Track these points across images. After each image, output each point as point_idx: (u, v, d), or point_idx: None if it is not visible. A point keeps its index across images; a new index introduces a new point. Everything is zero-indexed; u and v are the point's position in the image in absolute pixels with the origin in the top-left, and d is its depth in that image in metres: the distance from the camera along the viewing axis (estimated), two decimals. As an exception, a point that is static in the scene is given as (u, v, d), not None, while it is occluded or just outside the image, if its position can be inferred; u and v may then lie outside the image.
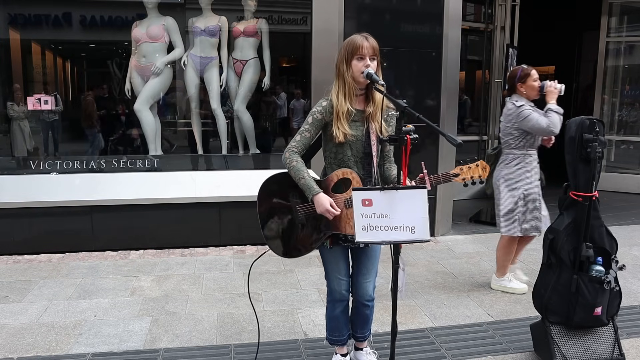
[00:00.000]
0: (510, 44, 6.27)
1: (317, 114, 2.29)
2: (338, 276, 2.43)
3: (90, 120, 5.78)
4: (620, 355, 2.67)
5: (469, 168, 2.23)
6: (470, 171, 2.23)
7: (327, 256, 2.43)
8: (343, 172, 2.28)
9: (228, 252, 4.72)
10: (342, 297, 2.46)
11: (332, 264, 2.43)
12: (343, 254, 2.43)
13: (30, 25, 5.41)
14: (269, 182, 2.40)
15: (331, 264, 2.43)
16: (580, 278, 2.59)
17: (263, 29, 5.49)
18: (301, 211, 2.33)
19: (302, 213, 2.33)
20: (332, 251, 2.40)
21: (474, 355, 2.89)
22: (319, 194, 2.21)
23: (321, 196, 2.21)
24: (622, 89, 7.87)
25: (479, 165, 2.23)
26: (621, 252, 2.81)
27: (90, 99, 5.84)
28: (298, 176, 2.26)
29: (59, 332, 3.15)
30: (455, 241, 5.11)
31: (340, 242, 2.38)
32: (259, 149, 5.63)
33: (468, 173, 2.22)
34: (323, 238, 2.33)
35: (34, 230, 4.63)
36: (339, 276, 2.43)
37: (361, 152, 2.32)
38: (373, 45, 2.23)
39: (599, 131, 2.58)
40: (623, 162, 7.82)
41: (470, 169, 2.23)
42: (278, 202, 2.37)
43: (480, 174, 2.23)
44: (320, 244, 2.35)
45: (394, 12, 4.96)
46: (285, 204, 2.36)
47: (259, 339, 2.87)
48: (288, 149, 2.30)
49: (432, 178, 2.20)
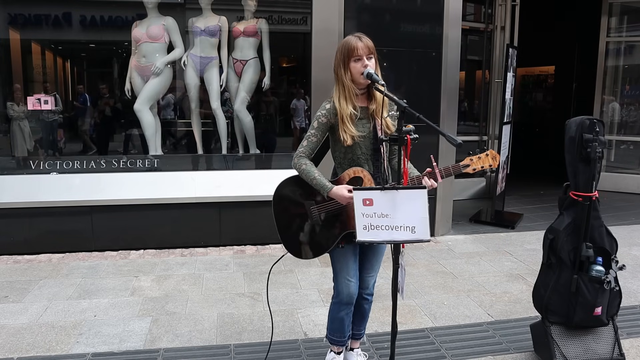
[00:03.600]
0: (510, 44, 6.27)
1: (322, 118, 2.29)
2: (347, 277, 2.41)
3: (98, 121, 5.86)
4: (620, 355, 2.68)
5: (479, 158, 2.21)
6: (480, 161, 2.21)
7: (337, 257, 2.42)
8: (354, 171, 2.29)
9: (228, 252, 4.72)
10: (349, 300, 2.45)
11: (342, 264, 2.41)
12: (354, 254, 2.42)
13: (30, 25, 5.41)
14: (282, 187, 2.41)
15: (341, 264, 2.42)
16: (580, 278, 2.59)
17: (263, 29, 5.49)
18: (316, 211, 2.33)
19: (317, 213, 2.33)
20: (344, 251, 2.38)
21: (474, 355, 2.89)
22: (334, 188, 2.21)
23: (337, 189, 2.21)
24: (622, 89, 7.87)
25: (489, 154, 2.22)
26: (621, 252, 2.82)
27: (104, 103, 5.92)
28: (309, 177, 2.26)
29: (59, 332, 3.15)
30: (455, 241, 5.11)
31: (353, 240, 2.37)
32: (259, 149, 5.63)
33: (478, 163, 2.21)
34: (339, 236, 2.33)
35: (34, 230, 4.62)
36: (348, 277, 2.41)
37: (370, 149, 2.32)
38: (368, 44, 2.23)
39: (599, 131, 2.58)
40: (623, 162, 7.82)
41: (480, 158, 2.21)
42: (293, 204, 2.38)
43: (491, 163, 2.21)
44: (336, 242, 2.34)
45: (394, 12, 4.96)
46: (299, 206, 2.37)
47: (271, 339, 2.84)
48: (296, 155, 2.32)
49: (442, 171, 2.20)
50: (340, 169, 2.36)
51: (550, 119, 11.20)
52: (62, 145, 5.73)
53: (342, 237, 2.33)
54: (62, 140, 5.74)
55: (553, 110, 11.38)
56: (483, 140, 7.31)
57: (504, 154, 6.07)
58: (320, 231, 2.35)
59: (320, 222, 2.34)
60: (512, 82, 6.08)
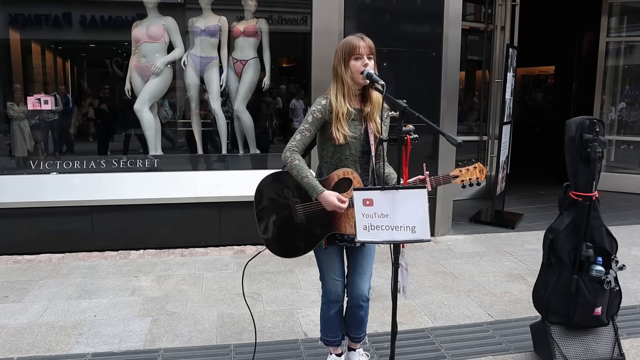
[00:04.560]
0: (510, 44, 6.27)
1: (317, 113, 2.27)
2: (334, 277, 2.42)
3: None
4: (620, 355, 2.68)
5: (467, 170, 2.25)
6: (468, 173, 2.25)
7: (322, 256, 2.41)
8: (344, 172, 2.27)
9: (228, 252, 4.72)
10: (337, 298, 2.46)
11: (328, 263, 2.41)
12: (338, 254, 2.42)
13: (30, 25, 5.41)
14: (265, 183, 2.39)
15: (326, 264, 2.41)
16: (580, 278, 2.59)
17: (263, 29, 5.49)
18: (300, 211, 2.31)
19: (302, 212, 2.31)
20: (328, 251, 2.38)
21: (474, 355, 2.89)
22: (324, 192, 2.20)
23: (326, 193, 2.19)
24: (622, 89, 7.87)
25: (477, 167, 2.25)
26: (621, 252, 2.82)
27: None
28: (300, 175, 2.23)
29: (59, 332, 3.15)
30: (455, 241, 5.11)
31: (336, 242, 2.37)
32: (259, 149, 5.63)
33: (467, 175, 2.25)
34: (322, 237, 2.32)
35: (34, 230, 4.63)
36: (334, 277, 2.42)
37: (359, 151, 2.31)
38: (369, 44, 2.23)
39: (599, 131, 2.58)
40: (623, 162, 7.82)
41: (469, 171, 2.25)
42: (276, 202, 2.35)
43: (478, 176, 2.25)
44: (318, 243, 2.34)
45: (394, 12, 4.96)
46: (283, 204, 2.34)
47: (255, 339, 2.86)
48: (288, 148, 2.26)
49: (432, 179, 2.21)
50: (326, 168, 2.33)
51: (550, 119, 11.20)
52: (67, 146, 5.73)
53: (326, 237, 2.32)
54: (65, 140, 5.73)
55: (553, 110, 11.38)
56: (483, 140, 7.31)
57: (504, 154, 6.07)
58: (304, 230, 2.32)
59: (304, 222, 2.31)
60: (512, 82, 6.08)
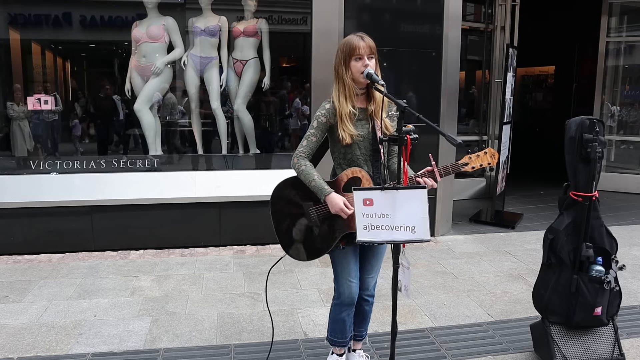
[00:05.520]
0: (510, 44, 6.27)
1: (321, 117, 2.29)
2: (349, 279, 2.40)
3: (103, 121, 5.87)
4: (620, 355, 2.68)
5: (478, 156, 2.21)
6: (479, 159, 2.21)
7: (338, 258, 2.41)
8: (352, 172, 2.29)
9: (228, 252, 4.72)
10: (351, 301, 2.44)
11: (343, 265, 2.40)
12: (354, 255, 2.42)
13: (30, 25, 5.40)
14: (280, 188, 2.40)
15: (342, 266, 2.41)
16: (580, 278, 2.59)
17: (263, 29, 5.49)
18: (314, 213, 2.33)
19: (315, 215, 2.32)
20: (344, 252, 2.38)
21: (474, 355, 2.89)
22: (331, 194, 2.21)
23: (333, 196, 2.21)
24: (622, 89, 7.87)
25: (487, 152, 2.21)
26: (621, 252, 2.81)
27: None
28: (308, 179, 2.25)
29: (59, 332, 3.15)
30: (455, 241, 5.11)
31: (353, 241, 2.37)
32: (259, 149, 5.63)
33: (477, 161, 2.21)
34: (338, 238, 2.32)
35: (34, 230, 4.62)
36: (349, 279, 2.40)
37: (369, 150, 2.32)
38: (369, 44, 2.23)
39: (599, 131, 2.58)
40: (623, 162, 7.82)
41: (479, 157, 2.20)
42: (291, 206, 2.37)
43: (490, 161, 2.21)
44: (335, 243, 2.34)
45: (394, 12, 4.96)
46: (298, 207, 2.36)
47: (272, 338, 2.86)
48: (296, 155, 2.30)
49: (441, 169, 2.20)
50: (340, 169, 2.35)
51: (550, 119, 11.21)
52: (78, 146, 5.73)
53: (342, 237, 2.32)
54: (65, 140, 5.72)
55: (553, 110, 11.38)
56: (483, 140, 7.31)
57: (504, 153, 6.07)
58: (319, 232, 2.34)
59: (318, 224, 2.33)
60: (512, 82, 6.08)
